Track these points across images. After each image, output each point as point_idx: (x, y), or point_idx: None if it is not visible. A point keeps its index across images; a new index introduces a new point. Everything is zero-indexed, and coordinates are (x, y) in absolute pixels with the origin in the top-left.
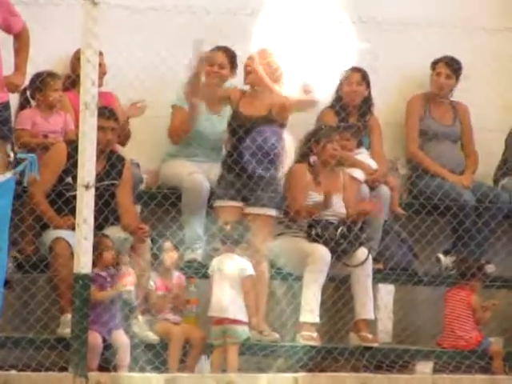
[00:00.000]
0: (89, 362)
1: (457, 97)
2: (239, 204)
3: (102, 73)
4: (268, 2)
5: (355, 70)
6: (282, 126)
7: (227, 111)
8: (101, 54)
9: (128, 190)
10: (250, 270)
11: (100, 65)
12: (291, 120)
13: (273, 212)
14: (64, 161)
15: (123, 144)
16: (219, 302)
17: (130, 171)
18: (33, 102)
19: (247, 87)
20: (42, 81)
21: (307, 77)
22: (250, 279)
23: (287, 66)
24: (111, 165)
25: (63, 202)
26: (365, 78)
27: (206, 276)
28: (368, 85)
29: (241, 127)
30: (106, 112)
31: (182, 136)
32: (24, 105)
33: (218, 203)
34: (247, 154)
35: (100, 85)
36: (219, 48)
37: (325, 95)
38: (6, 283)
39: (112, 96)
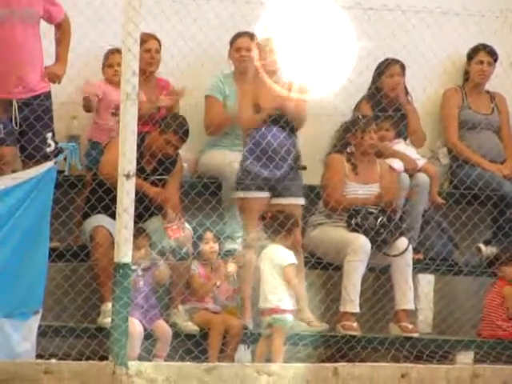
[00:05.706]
0: (129, 351)
1: (496, 86)
2: (265, 195)
3: (158, 59)
4: None
5: (394, 61)
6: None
7: None
8: (157, 39)
9: (177, 181)
10: (292, 259)
11: (157, 51)
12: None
13: (301, 201)
14: None
15: None
16: (264, 293)
17: (182, 163)
18: None
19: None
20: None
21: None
22: (291, 268)
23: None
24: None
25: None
26: (403, 68)
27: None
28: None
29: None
30: (180, 132)
31: (220, 129)
32: None
33: (242, 194)
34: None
35: (153, 71)
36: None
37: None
38: None
39: (167, 82)
